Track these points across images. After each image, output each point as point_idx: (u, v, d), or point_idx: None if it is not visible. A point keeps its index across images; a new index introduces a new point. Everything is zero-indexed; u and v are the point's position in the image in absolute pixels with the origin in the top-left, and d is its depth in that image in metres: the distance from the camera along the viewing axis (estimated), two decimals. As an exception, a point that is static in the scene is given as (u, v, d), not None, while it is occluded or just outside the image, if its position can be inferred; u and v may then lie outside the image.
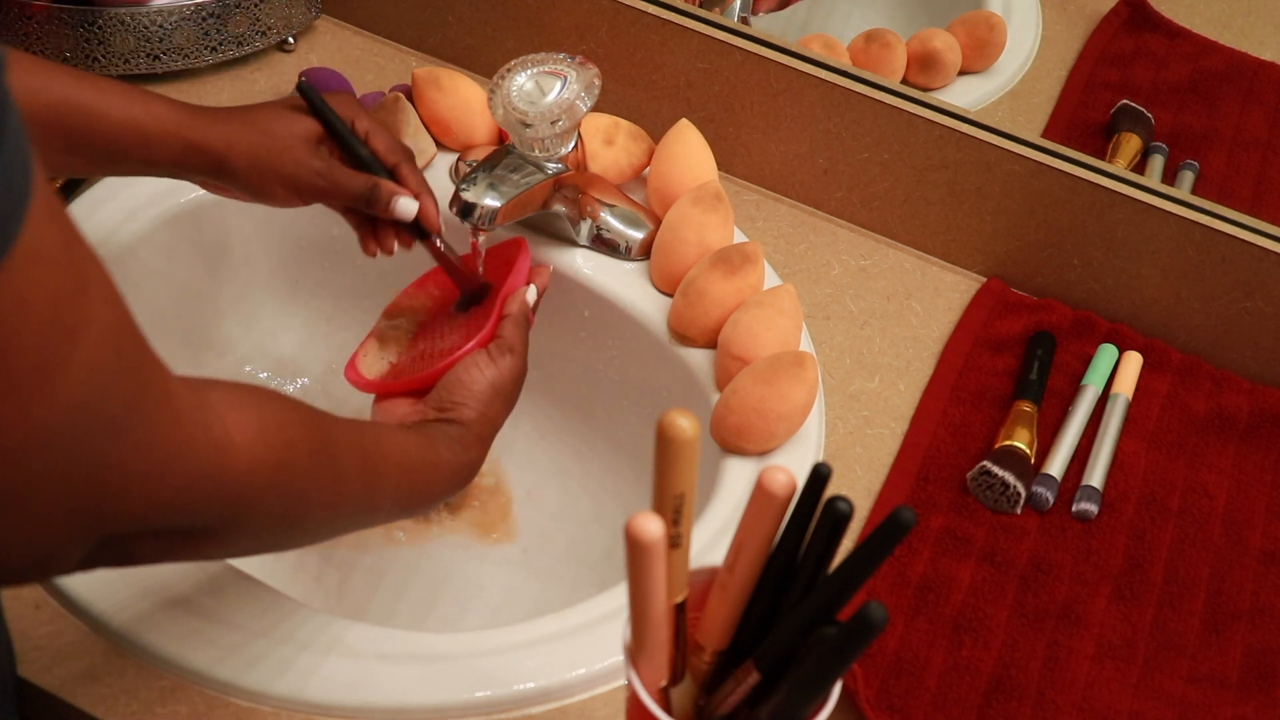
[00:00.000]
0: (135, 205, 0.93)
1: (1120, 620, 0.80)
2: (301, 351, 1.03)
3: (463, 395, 0.75)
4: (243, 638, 0.71)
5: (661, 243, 0.92)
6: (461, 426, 0.74)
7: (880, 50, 1.03)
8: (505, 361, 0.77)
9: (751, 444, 0.83)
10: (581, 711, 0.72)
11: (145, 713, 0.68)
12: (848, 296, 0.98)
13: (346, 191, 0.79)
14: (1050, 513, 0.85)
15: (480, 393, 0.76)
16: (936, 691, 0.74)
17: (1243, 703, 0.76)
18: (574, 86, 0.85)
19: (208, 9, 1.04)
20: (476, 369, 0.76)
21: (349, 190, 0.79)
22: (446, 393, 0.76)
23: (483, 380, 0.76)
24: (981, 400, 0.91)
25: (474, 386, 0.76)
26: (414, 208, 0.80)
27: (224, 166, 0.76)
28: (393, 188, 0.80)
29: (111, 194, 0.93)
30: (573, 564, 0.95)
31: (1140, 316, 0.98)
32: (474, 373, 0.76)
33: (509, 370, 0.77)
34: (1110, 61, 1.02)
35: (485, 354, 0.77)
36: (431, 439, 0.71)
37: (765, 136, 1.03)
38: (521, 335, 0.80)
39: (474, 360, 0.77)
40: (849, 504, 0.52)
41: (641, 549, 0.50)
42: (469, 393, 0.75)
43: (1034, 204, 0.97)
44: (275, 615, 0.72)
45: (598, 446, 1.00)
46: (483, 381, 0.76)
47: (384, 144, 0.82)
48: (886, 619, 0.47)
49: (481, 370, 0.76)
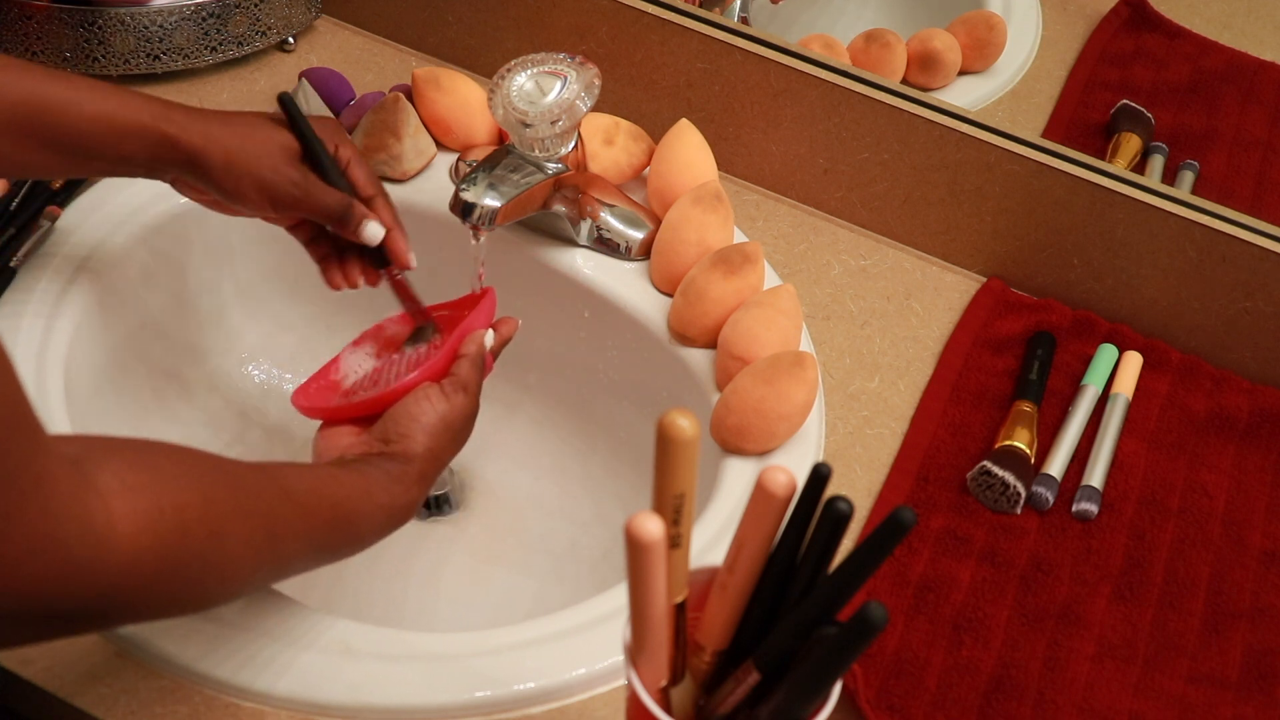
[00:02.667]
0: (136, 205, 0.93)
1: (1120, 620, 0.80)
2: (301, 352, 1.03)
3: (410, 428, 0.71)
4: (243, 638, 0.71)
5: (661, 243, 0.92)
6: (404, 463, 0.70)
7: (880, 50, 1.03)
8: (458, 399, 0.73)
9: (751, 444, 0.83)
10: (581, 711, 0.72)
11: (144, 712, 0.68)
12: (848, 296, 0.98)
13: (321, 205, 0.78)
14: (1050, 513, 0.85)
15: (429, 425, 0.71)
16: (936, 691, 0.74)
17: (1243, 703, 0.76)
18: (574, 86, 0.85)
19: (208, 9, 1.04)
20: (428, 402, 0.72)
21: (323, 204, 0.78)
22: (393, 424, 0.71)
23: (433, 414, 0.72)
24: (981, 400, 0.91)
25: (423, 419, 0.71)
26: (381, 233, 0.80)
27: (199, 163, 0.75)
28: (365, 211, 0.80)
29: (112, 194, 0.93)
30: (573, 564, 0.95)
31: (1140, 316, 0.98)
32: (424, 405, 0.72)
33: (461, 407, 0.73)
34: (1110, 61, 1.02)
35: (438, 389, 0.73)
36: (368, 481, 0.68)
37: (765, 136, 1.03)
38: (476, 376, 0.76)
39: (425, 393, 0.73)
40: (849, 504, 0.52)
41: (641, 549, 0.50)
42: (417, 425, 0.71)
43: (1034, 204, 0.97)
44: (275, 615, 0.72)
45: (598, 446, 1.00)
46: (433, 415, 0.72)
47: (363, 175, 0.81)
48: (886, 619, 0.47)
49: (433, 404, 0.72)
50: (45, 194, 0.91)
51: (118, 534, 0.49)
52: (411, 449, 0.71)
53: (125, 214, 0.93)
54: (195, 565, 0.55)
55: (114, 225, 0.92)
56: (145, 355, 0.95)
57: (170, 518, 0.52)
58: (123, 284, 0.92)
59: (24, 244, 0.88)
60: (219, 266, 1.00)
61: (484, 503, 0.98)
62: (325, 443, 0.74)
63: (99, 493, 0.49)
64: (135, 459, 0.53)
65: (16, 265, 0.87)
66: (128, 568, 0.50)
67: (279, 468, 0.64)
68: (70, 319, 0.86)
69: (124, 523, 0.50)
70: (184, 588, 0.55)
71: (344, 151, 0.80)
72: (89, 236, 0.91)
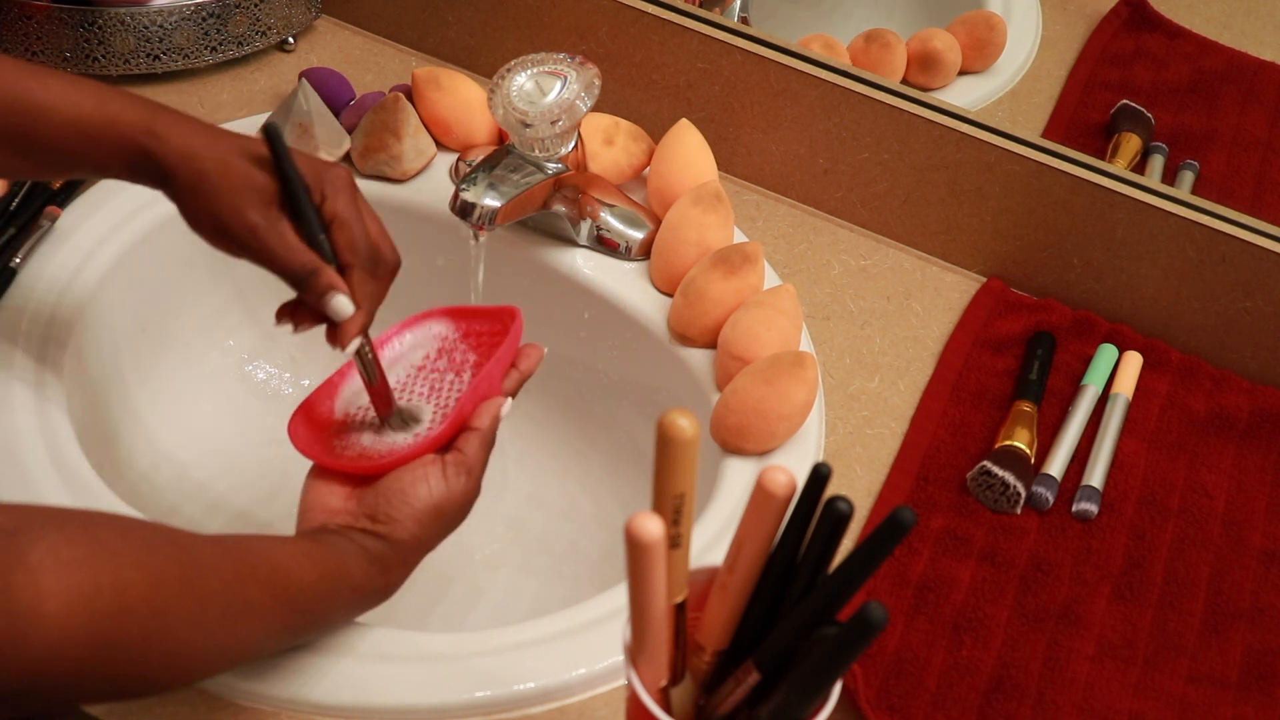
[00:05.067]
0: (136, 205, 0.93)
1: (1120, 620, 0.80)
2: (301, 351, 1.03)
3: (400, 510, 0.67)
4: (243, 638, 0.71)
5: (661, 243, 0.92)
6: (389, 545, 0.66)
7: (880, 50, 1.03)
8: (458, 483, 0.68)
9: (751, 444, 0.83)
10: (581, 711, 0.72)
11: (145, 713, 0.68)
12: (848, 296, 0.98)
13: (279, 262, 0.68)
14: (1050, 513, 0.85)
15: (420, 512, 0.67)
16: (936, 691, 0.74)
17: (1243, 703, 0.76)
18: (574, 86, 0.85)
19: (208, 9, 1.04)
20: (425, 484, 0.67)
21: (282, 262, 0.68)
22: (384, 502, 0.67)
23: (428, 499, 0.67)
24: (981, 400, 0.91)
25: (416, 504, 0.67)
26: (348, 311, 0.69)
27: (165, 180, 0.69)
28: (335, 280, 0.69)
29: (112, 194, 0.93)
30: (573, 564, 0.95)
31: (1140, 316, 0.98)
32: (420, 488, 0.67)
33: (460, 493, 0.68)
34: (1110, 61, 1.02)
35: (439, 469, 0.68)
36: (345, 561, 0.64)
37: (765, 136, 1.03)
38: (483, 456, 0.70)
39: (425, 473, 0.68)
40: (849, 504, 0.52)
41: (641, 549, 0.50)
42: (409, 509, 0.67)
43: (1034, 204, 0.97)
44: (275, 615, 0.72)
45: (598, 446, 1.00)
46: (428, 500, 0.67)
47: (346, 238, 0.70)
48: (886, 619, 0.47)
49: (430, 486, 0.67)
50: (45, 194, 0.91)
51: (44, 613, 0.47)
52: (398, 534, 0.67)
53: (125, 214, 0.93)
54: (136, 648, 0.52)
55: (114, 225, 0.92)
56: (145, 356, 0.95)
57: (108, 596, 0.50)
58: (122, 285, 0.92)
59: (24, 244, 0.88)
60: (219, 267, 1.00)
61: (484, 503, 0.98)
62: (312, 498, 0.69)
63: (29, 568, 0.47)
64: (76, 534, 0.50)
65: (16, 265, 0.87)
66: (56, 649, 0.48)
67: (246, 542, 0.61)
68: (70, 320, 0.86)
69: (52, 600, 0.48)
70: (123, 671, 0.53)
71: (332, 206, 0.70)
72: (89, 236, 0.91)
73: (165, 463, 0.94)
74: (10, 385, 0.80)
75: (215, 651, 0.58)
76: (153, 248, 0.94)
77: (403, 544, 0.67)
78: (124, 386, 0.93)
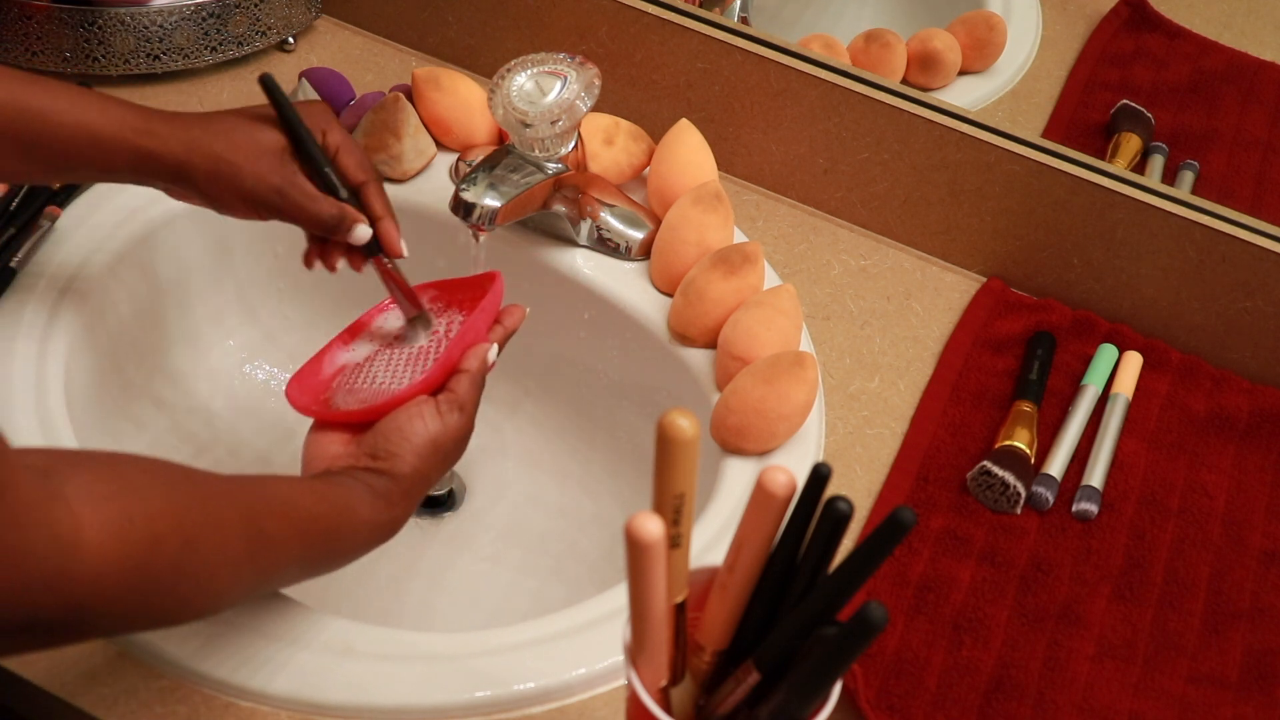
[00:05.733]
0: (136, 205, 0.93)
1: (1120, 620, 0.80)
2: (301, 351, 1.03)
3: (400, 446, 0.70)
4: (243, 638, 0.71)
5: (661, 243, 0.92)
6: (391, 480, 0.69)
7: (880, 50, 1.03)
8: (452, 418, 0.72)
9: (751, 444, 0.83)
10: (581, 711, 0.72)
11: (145, 712, 0.68)
12: (848, 296, 0.98)
13: (309, 216, 0.76)
14: (1050, 513, 0.85)
15: (419, 446, 0.70)
16: (936, 691, 0.74)
17: (1243, 703, 0.76)
18: (574, 86, 0.85)
19: (208, 9, 1.04)
20: (421, 420, 0.71)
21: (312, 216, 0.76)
22: (383, 439, 0.70)
23: (425, 434, 0.70)
24: (981, 400, 0.91)
25: (414, 439, 0.70)
26: (368, 234, 0.78)
27: (182, 175, 0.74)
28: (356, 215, 0.77)
29: (112, 194, 0.93)
30: (573, 564, 0.95)
31: (1140, 316, 0.98)
32: (417, 424, 0.70)
33: (455, 428, 0.72)
34: (1110, 61, 1.02)
35: (433, 406, 0.71)
36: (351, 497, 0.67)
37: (765, 136, 1.03)
38: (474, 395, 0.74)
39: (420, 410, 0.71)
40: (849, 504, 0.52)
41: (641, 549, 0.50)
42: (408, 444, 0.70)
43: (1034, 204, 0.97)
44: (275, 615, 0.72)
45: (598, 446, 1.00)
46: (424, 435, 0.70)
47: (353, 161, 0.78)
48: (886, 619, 0.47)
49: (425, 423, 0.71)
50: (45, 194, 0.91)
51: (86, 543, 0.49)
52: (399, 468, 0.69)
53: (125, 214, 0.93)
54: (169, 575, 0.54)
55: (114, 225, 0.92)
56: (146, 355, 0.95)
57: (140, 527, 0.52)
58: (123, 284, 0.92)
59: (24, 244, 0.88)
60: (219, 266, 1.00)
61: (484, 503, 0.98)
62: (314, 449, 0.73)
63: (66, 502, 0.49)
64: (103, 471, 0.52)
65: (16, 265, 0.87)
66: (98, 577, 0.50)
67: (259, 480, 0.63)
68: (70, 320, 0.86)
69: (92, 531, 0.49)
70: (160, 598, 0.55)
71: (331, 137, 0.78)
72: (89, 237, 0.91)
73: (165, 463, 0.94)
74: (10, 384, 0.80)
75: (239, 580, 0.61)
76: (152, 248, 0.94)
77: (405, 478, 0.69)
78: (124, 386, 0.93)
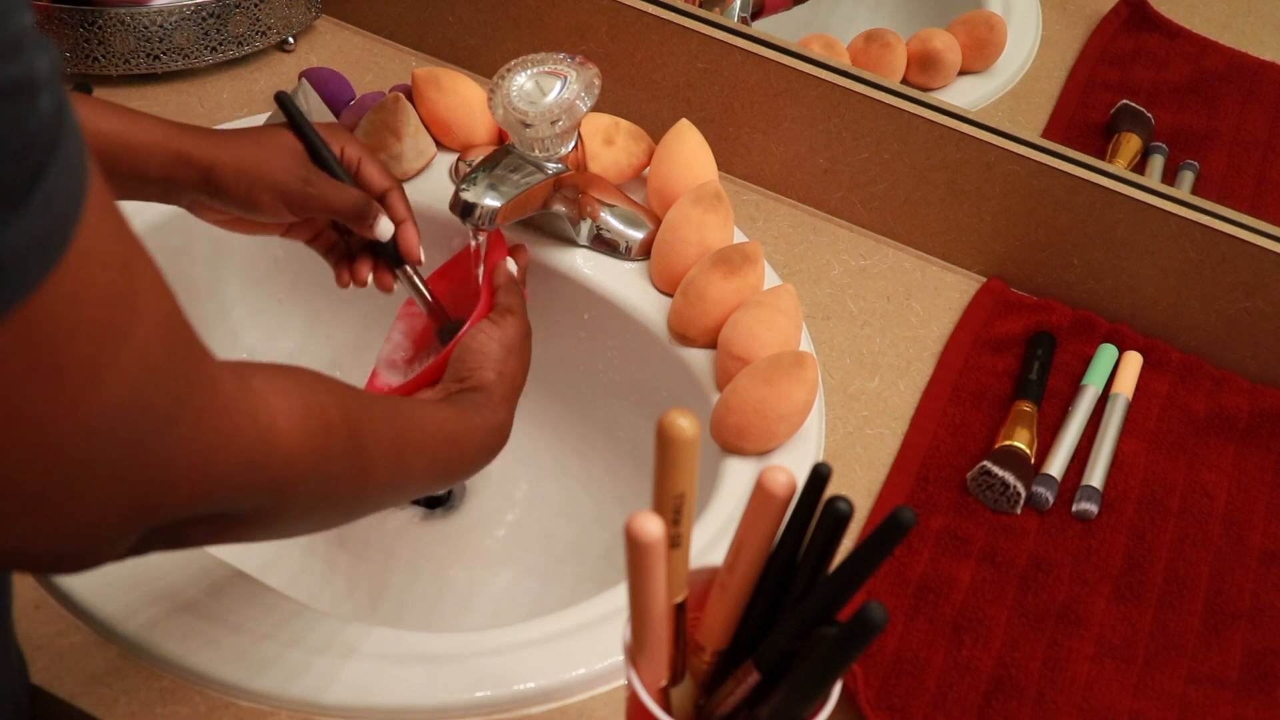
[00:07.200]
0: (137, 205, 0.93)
1: (1120, 620, 0.80)
2: (301, 351, 1.03)
3: (477, 360, 0.76)
4: (244, 639, 0.71)
5: (661, 243, 0.92)
6: (484, 390, 0.75)
7: (880, 50, 1.03)
8: (508, 322, 0.79)
9: (751, 444, 0.83)
10: (581, 711, 0.72)
11: (145, 713, 0.68)
12: (848, 296, 0.98)
13: (338, 202, 0.80)
14: (1050, 513, 0.85)
15: (494, 354, 0.77)
16: (936, 691, 0.74)
17: (1243, 703, 0.76)
18: (574, 86, 0.85)
19: (208, 9, 1.04)
20: (484, 334, 0.78)
21: (340, 201, 0.80)
22: (461, 364, 0.77)
23: (492, 343, 0.77)
24: (981, 400, 0.91)
25: (486, 349, 0.77)
26: (390, 230, 0.81)
27: (212, 176, 0.76)
28: (379, 207, 0.81)
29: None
30: (573, 564, 0.95)
31: (1140, 316, 0.98)
32: (481, 339, 0.77)
33: (514, 329, 0.79)
34: (1110, 61, 1.02)
35: (488, 321, 0.79)
36: (461, 406, 0.73)
37: (765, 136, 1.03)
38: (517, 298, 0.81)
39: (479, 329, 0.78)
40: (849, 504, 0.52)
41: (641, 549, 0.50)
42: (484, 356, 0.77)
43: (1034, 204, 0.97)
44: (276, 616, 0.72)
45: (598, 446, 1.00)
46: (493, 344, 0.77)
47: (375, 171, 0.83)
48: (886, 619, 0.47)
49: (489, 335, 0.78)
50: (45, 194, 0.91)
51: (278, 430, 0.51)
52: (486, 378, 0.76)
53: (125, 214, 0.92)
54: (341, 462, 0.57)
55: (114, 225, 0.92)
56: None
57: (316, 415, 0.54)
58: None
59: (24, 244, 0.88)
60: (220, 267, 1.00)
61: (484, 502, 0.98)
62: None
63: (258, 393, 0.51)
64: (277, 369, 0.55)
65: (17, 265, 0.87)
66: (292, 460, 0.52)
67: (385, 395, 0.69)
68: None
69: (282, 418, 0.52)
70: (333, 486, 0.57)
71: (351, 151, 0.82)
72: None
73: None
74: (10, 385, 0.80)
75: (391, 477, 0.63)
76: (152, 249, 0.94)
77: (495, 384, 0.76)
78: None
